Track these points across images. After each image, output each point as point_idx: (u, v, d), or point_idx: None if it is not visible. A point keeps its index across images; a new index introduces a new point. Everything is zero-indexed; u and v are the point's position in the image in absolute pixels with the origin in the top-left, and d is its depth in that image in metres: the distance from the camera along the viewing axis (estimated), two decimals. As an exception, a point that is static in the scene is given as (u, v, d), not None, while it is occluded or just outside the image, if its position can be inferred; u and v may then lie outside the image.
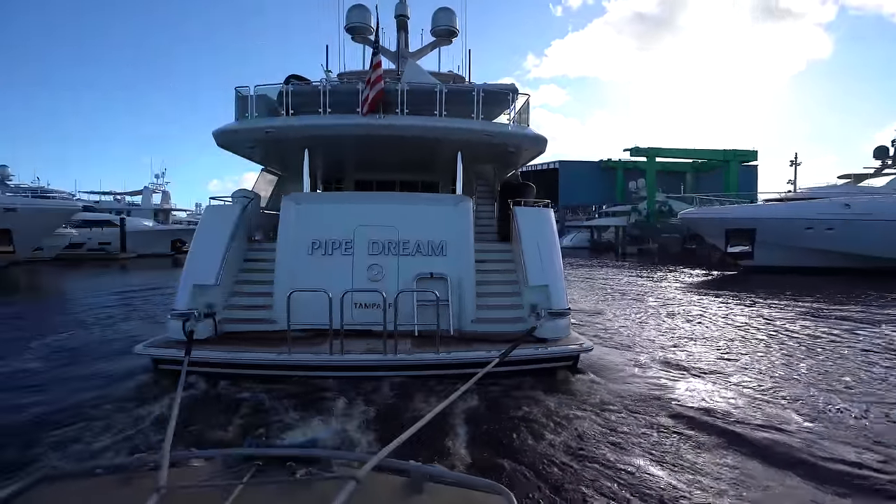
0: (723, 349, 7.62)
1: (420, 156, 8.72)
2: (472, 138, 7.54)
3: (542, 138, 7.86)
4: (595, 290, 15.11)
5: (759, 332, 9.00)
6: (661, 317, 10.69)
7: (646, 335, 8.78)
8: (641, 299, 13.31)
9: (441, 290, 6.24)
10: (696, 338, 8.50)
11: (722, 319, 10.27)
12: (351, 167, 10.08)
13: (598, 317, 10.71)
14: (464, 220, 6.92)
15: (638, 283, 17.65)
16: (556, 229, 7.62)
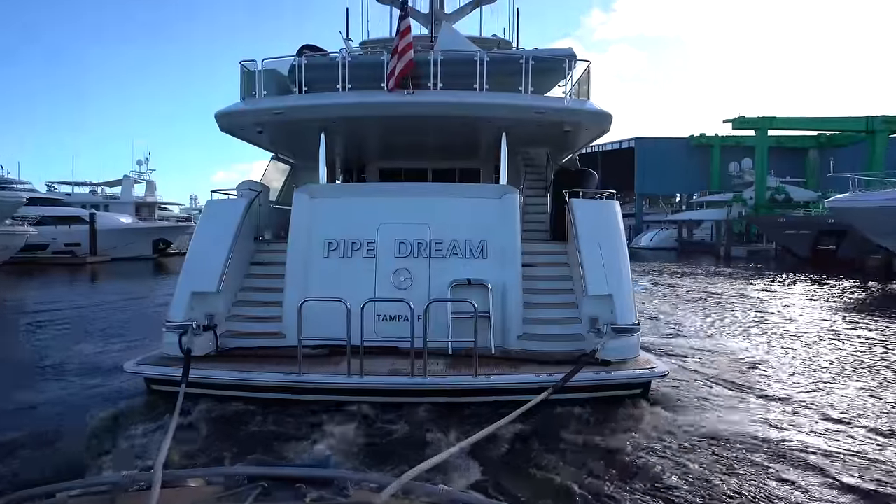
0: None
1: (457, 139, 8.90)
2: (519, 116, 7.65)
3: (605, 114, 7.82)
4: (723, 318, 12.52)
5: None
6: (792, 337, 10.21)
7: (754, 358, 8.47)
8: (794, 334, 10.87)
9: (481, 300, 6.38)
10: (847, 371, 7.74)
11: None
12: (375, 154, 10.45)
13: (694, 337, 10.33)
14: (509, 216, 7.05)
15: (776, 304, 14.92)
16: (624, 226, 7.58)
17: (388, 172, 10.73)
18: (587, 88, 8.07)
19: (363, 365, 5.63)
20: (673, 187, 67.94)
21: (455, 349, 6.33)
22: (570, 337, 6.60)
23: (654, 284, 20.30)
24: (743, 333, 10.85)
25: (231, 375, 5.79)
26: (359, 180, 11.05)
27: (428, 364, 5.69)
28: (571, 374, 5.46)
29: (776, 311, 13.69)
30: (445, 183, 8.86)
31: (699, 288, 19.12)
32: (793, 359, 8.68)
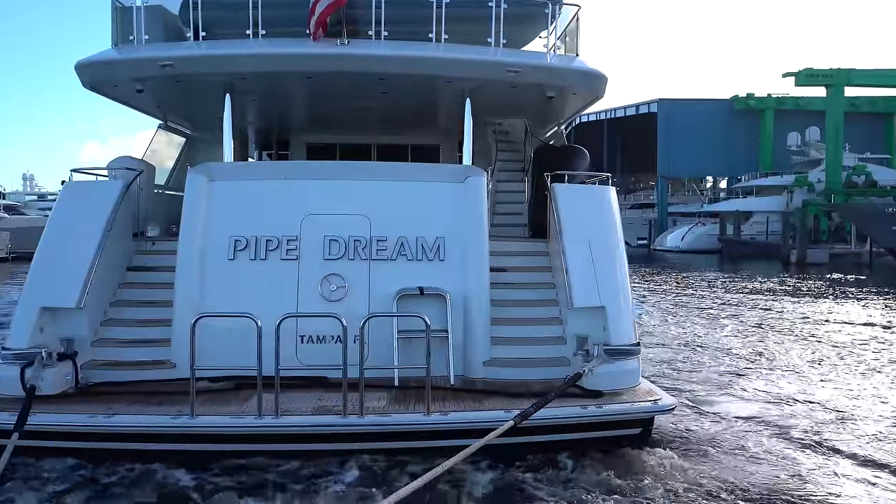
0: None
1: (408, 106, 9.56)
2: (488, 76, 8.31)
3: (597, 75, 8.61)
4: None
5: None
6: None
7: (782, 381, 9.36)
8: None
9: (436, 314, 7.00)
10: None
11: None
12: (300, 124, 10.99)
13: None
14: (474, 206, 7.73)
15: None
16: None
17: (318, 149, 11.32)
18: (576, 42, 8.89)
19: (279, 402, 5.97)
20: (709, 167, 70.70)
21: (402, 379, 6.90)
22: (552, 361, 7.32)
23: (689, 310, 19.90)
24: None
25: (92, 421, 5.88)
26: (279, 158, 11.59)
27: (366, 399, 6.11)
28: (540, 405, 6.02)
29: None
30: (392, 163, 9.38)
31: (786, 326, 16.56)
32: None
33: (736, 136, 68.22)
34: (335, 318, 6.23)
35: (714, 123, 68.07)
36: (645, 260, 50.65)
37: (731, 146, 67.95)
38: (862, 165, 57.74)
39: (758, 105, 68.28)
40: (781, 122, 66.26)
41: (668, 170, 69.18)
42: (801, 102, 67.18)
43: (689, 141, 66.93)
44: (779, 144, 65.21)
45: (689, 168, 71.33)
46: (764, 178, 62.54)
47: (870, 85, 57.82)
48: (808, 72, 55.39)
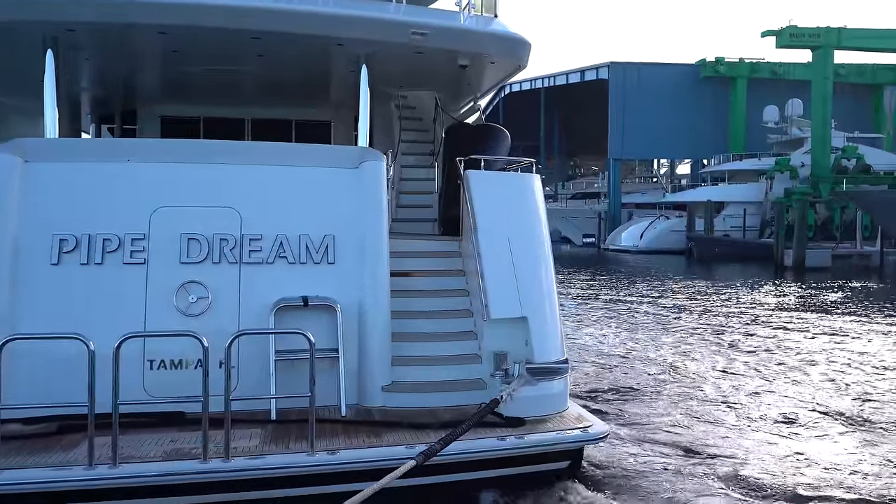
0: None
1: (291, 72, 9.92)
2: (388, 39, 8.82)
3: (519, 40, 9.32)
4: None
5: None
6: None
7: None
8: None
9: (324, 330, 7.45)
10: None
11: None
12: (152, 92, 11.08)
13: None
14: (371, 196, 8.19)
15: None
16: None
17: (176, 123, 11.40)
18: (494, 1, 9.52)
19: (119, 446, 5.99)
20: (671, 147, 73.31)
21: (281, 412, 7.23)
22: (466, 384, 7.91)
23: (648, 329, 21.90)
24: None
25: None
26: (124, 134, 11.63)
27: (234, 438, 6.33)
28: (451, 438, 6.44)
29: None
30: (270, 143, 9.54)
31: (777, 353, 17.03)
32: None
33: (703, 109, 71.13)
34: (193, 338, 6.33)
35: (677, 94, 70.66)
36: (593, 263, 52.07)
37: (697, 122, 70.77)
38: (853, 146, 61.43)
39: (728, 72, 71.13)
40: (756, 93, 69.50)
41: (621, 150, 71.32)
42: (778, 70, 70.95)
43: (647, 115, 69.35)
44: (753, 120, 68.35)
45: (646, 148, 73.75)
46: (738, 162, 65.23)
47: (862, 48, 61.68)
48: (792, 30, 58.85)
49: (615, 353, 16.62)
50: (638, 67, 71.43)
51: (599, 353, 16.65)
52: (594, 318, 22.79)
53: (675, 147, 73.49)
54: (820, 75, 60.44)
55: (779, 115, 66.91)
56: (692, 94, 71.26)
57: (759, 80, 70.89)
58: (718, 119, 71.37)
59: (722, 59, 71.25)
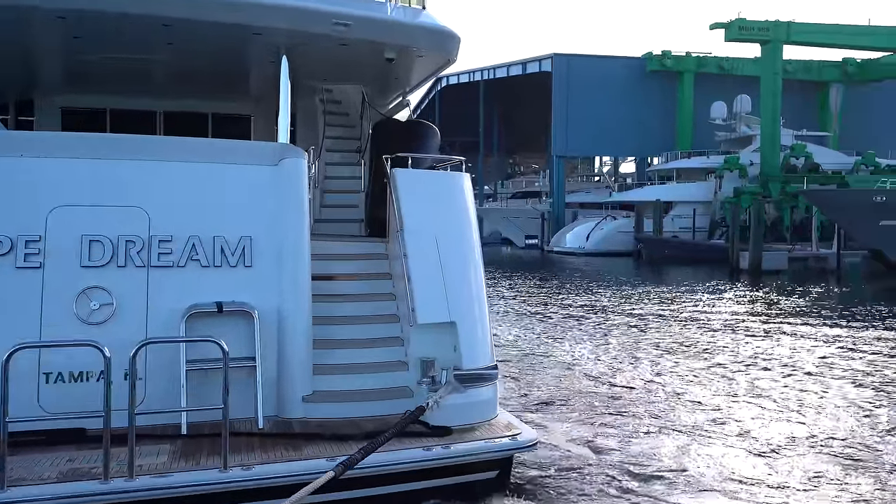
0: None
1: (207, 62, 9.93)
2: (310, 29, 8.89)
3: (447, 33, 9.49)
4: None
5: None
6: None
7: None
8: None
9: (240, 337, 7.48)
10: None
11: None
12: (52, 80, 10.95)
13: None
14: (291, 196, 8.26)
15: None
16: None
17: (78, 115, 11.24)
18: None
19: (7, 468, 5.92)
20: (616, 144, 74.58)
21: (193, 426, 7.23)
22: (391, 392, 8.04)
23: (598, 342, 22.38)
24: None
25: None
26: (18, 127, 11.42)
27: (141, 455, 6.30)
28: (372, 448, 6.57)
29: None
30: (182, 138, 9.60)
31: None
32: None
33: (649, 105, 72.61)
34: (94, 347, 6.25)
35: (623, 88, 71.94)
36: (537, 266, 52.77)
37: (643, 118, 72.20)
38: (801, 145, 63.82)
39: (675, 66, 72.80)
40: (704, 88, 71.41)
41: (565, 147, 72.18)
42: (725, 65, 73.10)
43: (592, 110, 70.34)
44: (701, 117, 70.24)
45: (591, 145, 75.11)
46: (686, 160, 66.98)
47: (811, 44, 64.16)
48: (741, 23, 60.81)
49: (555, 360, 16.94)
50: (583, 60, 72.49)
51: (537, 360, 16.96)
52: (534, 324, 23.14)
53: (621, 144, 74.82)
54: (769, 70, 62.65)
55: (727, 111, 68.82)
56: (638, 89, 72.71)
57: (707, 75, 72.79)
58: (665, 115, 73.00)
59: (669, 52, 72.95)
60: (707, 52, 74.07)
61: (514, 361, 16.57)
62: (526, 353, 17.74)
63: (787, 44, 62.55)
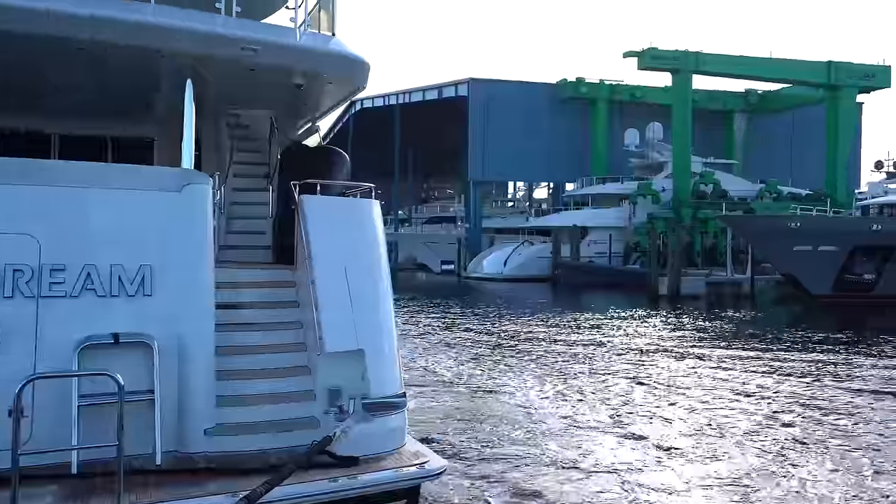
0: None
1: (108, 85, 9.78)
2: (216, 53, 8.89)
3: (358, 61, 9.58)
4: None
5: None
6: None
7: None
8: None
9: (139, 370, 7.33)
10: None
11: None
12: None
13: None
14: (195, 223, 8.18)
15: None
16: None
17: None
18: (331, 17, 9.78)
19: None
20: (532, 169, 76.22)
21: (86, 464, 6.96)
22: (298, 423, 7.96)
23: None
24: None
25: None
26: None
27: (26, 498, 6.08)
28: (276, 481, 6.52)
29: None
30: (78, 162, 9.09)
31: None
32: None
33: (564, 131, 74.70)
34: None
35: (539, 114, 73.68)
36: (453, 292, 53.15)
37: (558, 144, 74.13)
38: (710, 172, 66.67)
39: (589, 93, 75.18)
40: (617, 115, 74.22)
41: (481, 172, 73.36)
42: (637, 93, 75.85)
43: (508, 135, 71.79)
44: (614, 143, 72.64)
45: (507, 170, 76.70)
46: (601, 185, 68.83)
47: (719, 74, 67.24)
48: (654, 52, 63.30)
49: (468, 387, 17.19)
50: (499, 85, 73.84)
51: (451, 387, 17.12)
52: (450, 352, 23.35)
53: (536, 169, 76.45)
54: (680, 99, 65.36)
55: (639, 138, 71.08)
56: (553, 115, 74.58)
57: (620, 102, 75.31)
58: (579, 141, 75.02)
59: (583, 79, 75.16)
60: (619, 79, 76.63)
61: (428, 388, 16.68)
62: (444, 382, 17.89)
63: (697, 73, 65.42)
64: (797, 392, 17.18)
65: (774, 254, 43.54)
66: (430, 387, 16.93)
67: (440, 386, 17.26)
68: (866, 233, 40.58)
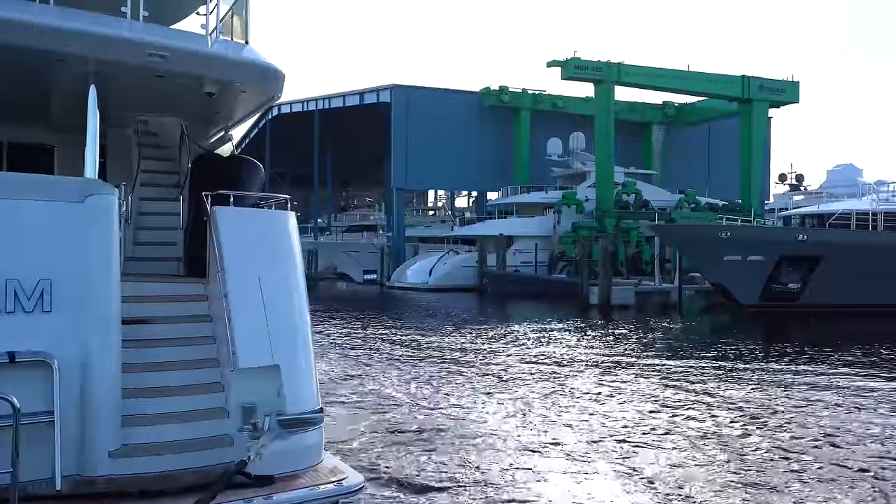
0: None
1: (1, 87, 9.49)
2: (121, 58, 8.68)
3: (272, 70, 9.46)
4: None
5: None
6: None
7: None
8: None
9: (37, 391, 7.05)
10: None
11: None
12: None
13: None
14: (99, 235, 7.91)
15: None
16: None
17: None
18: (245, 23, 9.69)
19: None
20: (455, 177, 77.18)
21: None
22: (211, 442, 7.83)
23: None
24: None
25: None
26: None
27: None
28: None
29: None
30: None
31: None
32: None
33: (487, 139, 75.68)
34: None
35: (463, 122, 74.43)
36: (375, 302, 53.02)
37: (482, 152, 75.10)
38: (632, 182, 68.39)
39: (512, 102, 76.30)
40: (540, 124, 75.43)
41: (404, 180, 73.42)
42: (559, 103, 77.48)
43: (431, 143, 72.15)
44: (537, 152, 73.74)
45: (430, 178, 77.34)
46: (525, 194, 69.76)
47: (640, 85, 69.02)
48: (577, 62, 64.49)
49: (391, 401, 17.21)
50: (422, 92, 74.30)
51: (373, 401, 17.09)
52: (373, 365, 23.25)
53: (460, 177, 77.20)
54: (602, 110, 66.88)
55: (562, 148, 72.29)
56: (477, 123, 75.52)
57: (543, 111, 76.63)
58: (503, 150, 75.98)
59: (506, 88, 76.04)
60: (542, 89, 77.83)
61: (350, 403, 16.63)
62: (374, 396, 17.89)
63: (619, 84, 66.95)
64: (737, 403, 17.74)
65: (705, 263, 44.32)
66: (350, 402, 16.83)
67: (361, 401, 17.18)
68: (792, 242, 41.84)
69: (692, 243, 44.21)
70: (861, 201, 45.99)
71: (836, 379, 21.16)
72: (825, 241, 41.22)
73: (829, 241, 41.24)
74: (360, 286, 69.65)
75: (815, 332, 34.45)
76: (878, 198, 45.22)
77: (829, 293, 39.82)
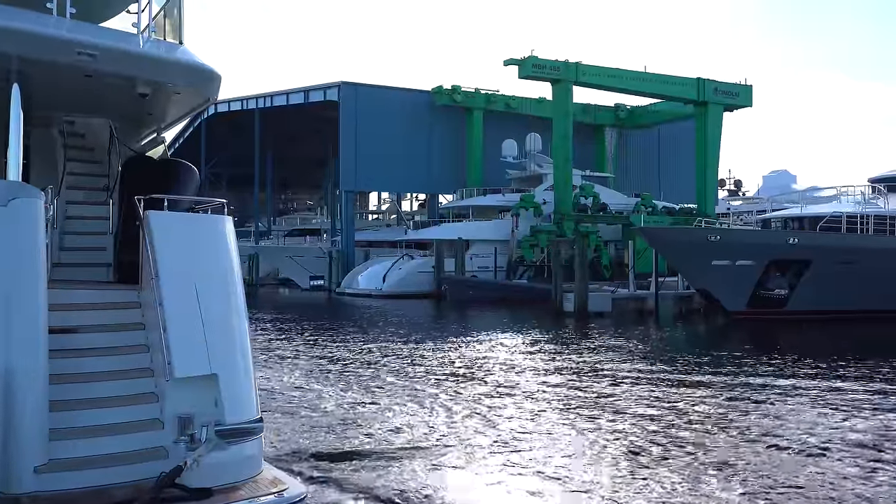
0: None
1: None
2: (47, 57, 8.65)
3: (207, 71, 9.54)
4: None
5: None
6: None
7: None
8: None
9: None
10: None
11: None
12: None
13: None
14: (23, 240, 7.88)
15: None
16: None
17: None
18: (178, 23, 9.73)
19: None
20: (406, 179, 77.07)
21: None
22: (144, 454, 7.87)
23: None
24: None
25: None
26: None
27: None
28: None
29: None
30: None
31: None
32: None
33: (439, 140, 75.81)
34: None
35: (414, 122, 74.23)
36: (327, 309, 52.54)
37: (433, 153, 75.27)
38: (589, 185, 69.02)
39: (465, 102, 76.05)
40: (494, 125, 75.56)
41: (353, 181, 72.85)
42: (512, 103, 77.95)
43: (381, 143, 71.67)
44: (491, 154, 73.84)
45: (380, 179, 77.14)
46: (482, 197, 69.97)
47: (598, 86, 69.43)
48: (534, 60, 64.58)
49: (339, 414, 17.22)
50: (372, 90, 73.82)
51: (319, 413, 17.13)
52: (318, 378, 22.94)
53: (411, 179, 76.99)
54: (561, 111, 67.49)
55: (517, 149, 72.57)
56: (428, 123, 75.42)
57: (496, 112, 76.95)
58: (455, 151, 76.16)
59: (458, 87, 75.93)
60: (495, 89, 78.11)
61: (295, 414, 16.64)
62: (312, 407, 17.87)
63: (577, 84, 67.32)
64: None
65: (691, 268, 43.68)
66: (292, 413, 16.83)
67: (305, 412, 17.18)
68: (783, 246, 41.68)
69: (677, 247, 43.43)
70: (847, 204, 46.22)
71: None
72: (816, 245, 41.46)
73: (819, 244, 41.54)
74: (306, 292, 68.82)
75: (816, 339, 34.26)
76: (864, 200, 45.73)
77: (818, 298, 40.16)
